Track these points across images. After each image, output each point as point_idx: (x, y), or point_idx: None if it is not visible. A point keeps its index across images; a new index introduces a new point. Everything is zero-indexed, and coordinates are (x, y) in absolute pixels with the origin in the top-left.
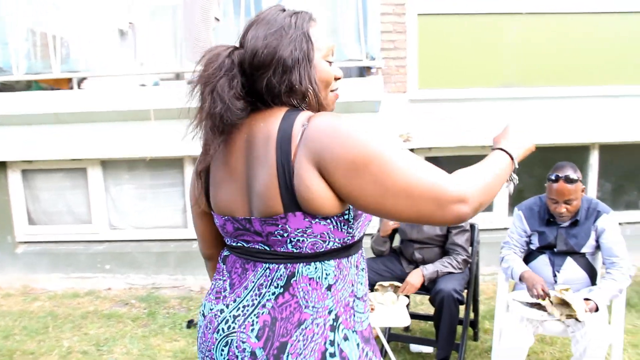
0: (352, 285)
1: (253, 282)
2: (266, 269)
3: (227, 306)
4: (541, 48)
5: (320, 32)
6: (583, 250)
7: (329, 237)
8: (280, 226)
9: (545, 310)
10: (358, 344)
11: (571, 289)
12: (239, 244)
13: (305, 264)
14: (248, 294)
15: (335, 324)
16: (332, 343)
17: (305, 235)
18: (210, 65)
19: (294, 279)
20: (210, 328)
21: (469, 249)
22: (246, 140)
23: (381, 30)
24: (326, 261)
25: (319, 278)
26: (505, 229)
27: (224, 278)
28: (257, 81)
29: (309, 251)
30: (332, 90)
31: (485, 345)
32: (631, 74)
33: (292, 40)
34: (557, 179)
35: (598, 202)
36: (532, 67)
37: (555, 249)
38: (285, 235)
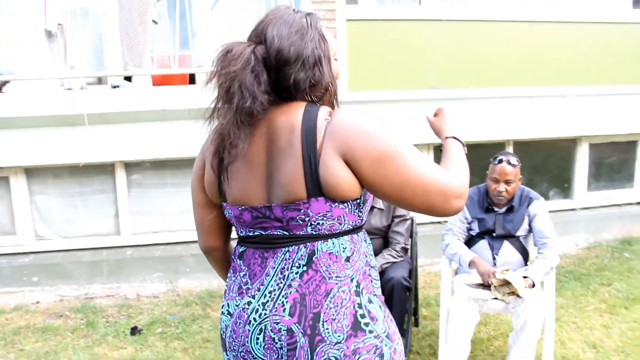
0: (366, 256)
1: (274, 267)
2: (286, 252)
3: (254, 297)
4: (462, 52)
5: (328, 33)
6: (518, 234)
7: (344, 220)
8: (302, 211)
9: (489, 290)
10: (380, 306)
11: (510, 269)
12: (255, 233)
13: (323, 241)
14: (271, 279)
15: (358, 289)
16: (360, 305)
17: (325, 218)
18: (235, 61)
19: (315, 256)
20: (240, 322)
21: (408, 239)
22: (266, 133)
23: None
24: (341, 237)
25: (337, 252)
26: (435, 223)
27: (243, 272)
28: (284, 77)
29: (326, 232)
30: None
31: (427, 330)
32: (541, 76)
33: (312, 39)
34: (500, 161)
35: (529, 190)
36: (454, 69)
37: (494, 234)
38: (307, 219)
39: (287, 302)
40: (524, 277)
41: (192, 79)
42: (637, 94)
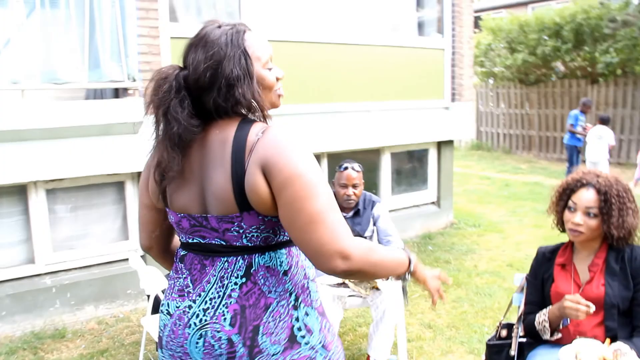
0: (304, 269)
1: (214, 275)
2: (224, 262)
3: (194, 301)
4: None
5: (258, 41)
6: (366, 234)
7: (279, 232)
8: (236, 224)
9: (348, 287)
10: (317, 317)
11: None
12: (194, 240)
13: (260, 254)
14: (212, 287)
15: (296, 303)
16: (297, 319)
17: (259, 230)
18: (160, 88)
19: (253, 268)
20: (180, 324)
21: None
22: (201, 147)
23: (138, 51)
24: (278, 250)
25: (274, 265)
26: None
27: (184, 275)
28: (204, 102)
29: (262, 244)
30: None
31: None
32: (351, 93)
33: (231, 59)
34: (346, 168)
35: (370, 194)
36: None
37: None
38: (241, 231)
39: (227, 312)
40: None
41: None
42: (426, 109)
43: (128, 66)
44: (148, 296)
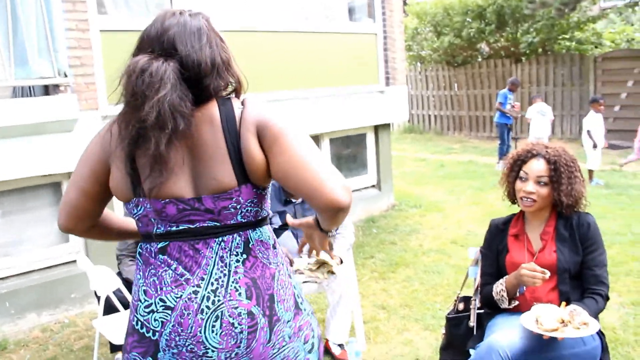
0: (279, 244)
1: (212, 257)
2: (220, 242)
3: (199, 286)
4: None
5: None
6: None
7: (263, 207)
8: (234, 199)
9: (303, 274)
10: (296, 286)
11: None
12: (180, 227)
13: (252, 229)
14: (212, 268)
15: (288, 272)
16: (295, 287)
17: (252, 204)
18: (159, 83)
19: (251, 243)
20: (189, 313)
21: None
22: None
23: (67, 46)
24: (264, 226)
25: (266, 239)
26: None
27: (174, 266)
28: (204, 88)
29: (253, 219)
30: None
31: None
32: (290, 80)
33: (217, 45)
34: None
35: None
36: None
37: None
38: (238, 207)
39: (240, 286)
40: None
41: None
42: (362, 93)
43: (58, 61)
44: (98, 298)
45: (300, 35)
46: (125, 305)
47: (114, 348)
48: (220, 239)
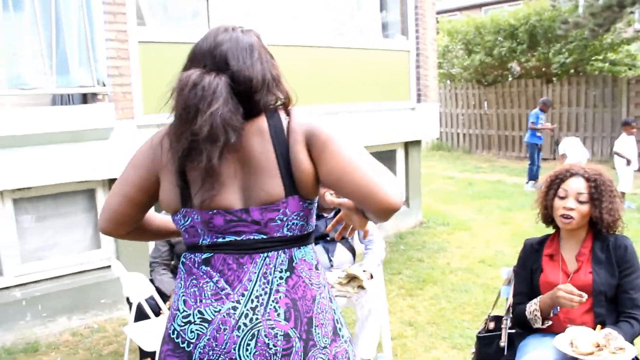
0: (322, 267)
1: (255, 272)
2: (265, 257)
3: (239, 302)
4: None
5: None
6: (348, 235)
7: (309, 222)
8: (281, 210)
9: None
10: (337, 310)
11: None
12: (226, 239)
13: (297, 247)
14: (254, 285)
15: (330, 296)
16: (334, 312)
17: (298, 217)
18: (211, 97)
19: (294, 262)
20: (225, 329)
21: None
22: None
23: (107, 56)
24: (309, 245)
25: (309, 259)
26: None
27: (216, 279)
28: (254, 103)
29: (299, 233)
30: None
31: None
32: (320, 95)
33: (267, 61)
34: None
35: None
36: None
37: (327, 238)
38: (285, 219)
39: (279, 307)
40: (363, 271)
41: None
42: (393, 110)
43: (97, 71)
44: (130, 304)
45: (333, 51)
46: (157, 314)
47: (144, 355)
48: (265, 254)
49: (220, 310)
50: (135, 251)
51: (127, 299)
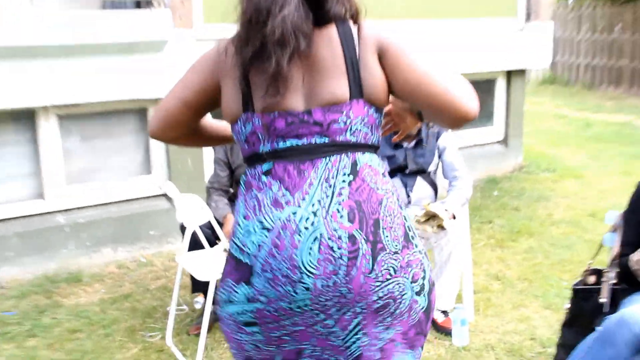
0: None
1: (316, 178)
2: (327, 162)
3: (299, 206)
4: None
5: None
6: (430, 169)
7: (374, 132)
8: (344, 112)
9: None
10: (408, 218)
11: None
12: (287, 144)
13: (361, 152)
14: (316, 189)
15: (399, 202)
16: (405, 218)
17: (362, 123)
18: (283, 3)
19: (359, 166)
20: (286, 234)
21: None
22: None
23: None
24: (374, 152)
25: (375, 165)
26: None
27: (275, 187)
28: (324, 13)
29: (362, 141)
30: None
31: None
32: (467, 8)
33: None
34: None
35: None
36: None
37: (406, 171)
38: (348, 122)
39: (342, 209)
40: (445, 209)
41: None
42: (495, 29)
43: None
44: (183, 231)
45: None
46: (212, 243)
47: (195, 288)
48: (327, 158)
49: (280, 217)
50: (190, 179)
51: (181, 226)
